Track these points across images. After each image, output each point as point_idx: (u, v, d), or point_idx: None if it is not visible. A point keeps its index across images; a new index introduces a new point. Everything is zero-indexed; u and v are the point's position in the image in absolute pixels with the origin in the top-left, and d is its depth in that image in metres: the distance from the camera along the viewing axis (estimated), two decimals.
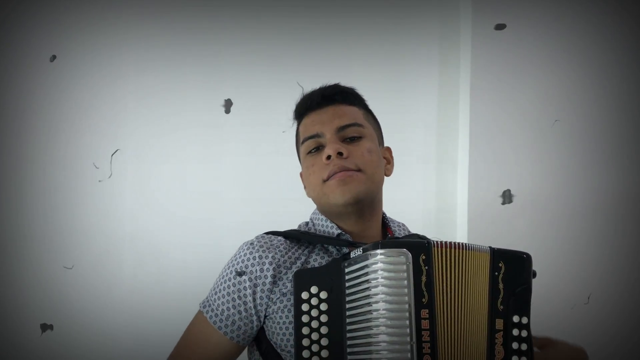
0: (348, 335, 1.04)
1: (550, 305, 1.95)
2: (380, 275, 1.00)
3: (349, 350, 1.03)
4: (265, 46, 2.02)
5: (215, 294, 1.20)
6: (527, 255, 1.07)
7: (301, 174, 1.32)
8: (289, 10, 2.03)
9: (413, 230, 1.35)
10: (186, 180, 1.98)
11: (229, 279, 1.19)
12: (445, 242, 1.04)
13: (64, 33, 1.96)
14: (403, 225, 1.35)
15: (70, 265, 1.94)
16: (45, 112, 1.96)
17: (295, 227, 1.32)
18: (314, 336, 1.05)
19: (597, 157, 2.07)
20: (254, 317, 1.17)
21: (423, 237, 1.29)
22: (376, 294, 1.00)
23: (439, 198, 2.08)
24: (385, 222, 1.29)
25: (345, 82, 1.95)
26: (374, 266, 1.01)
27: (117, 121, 1.97)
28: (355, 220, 1.22)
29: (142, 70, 1.98)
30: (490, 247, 1.06)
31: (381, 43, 2.06)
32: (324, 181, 1.18)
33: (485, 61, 2.01)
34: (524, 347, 1.02)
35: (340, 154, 1.17)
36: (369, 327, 1.00)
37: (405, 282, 0.99)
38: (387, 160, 1.29)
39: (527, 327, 1.03)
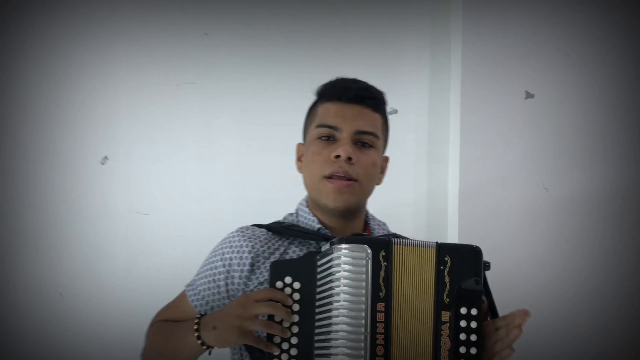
0: (316, 324, 1.11)
1: (539, 301, 1.96)
2: (342, 269, 1.07)
3: (316, 338, 1.11)
4: (257, 46, 2.01)
5: (197, 275, 1.33)
6: (476, 248, 1.12)
7: (300, 145, 1.39)
8: (280, 12, 2.02)
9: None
10: (179, 179, 1.99)
11: (209, 263, 1.31)
12: (401, 239, 1.11)
13: (57, 31, 1.94)
14: (384, 224, 1.42)
15: (64, 264, 1.93)
16: (40, 112, 1.92)
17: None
18: (285, 324, 1.11)
19: (589, 155, 2.07)
20: (226, 301, 1.27)
21: (399, 237, 1.36)
22: (338, 286, 1.07)
23: (430, 199, 2.08)
24: (366, 222, 1.37)
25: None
26: (337, 260, 1.08)
27: (110, 120, 1.96)
28: (337, 218, 1.31)
29: (134, 69, 1.97)
30: (436, 242, 1.12)
31: (372, 43, 2.06)
32: (324, 177, 1.26)
33: (476, 60, 2.01)
34: (473, 337, 1.08)
35: (349, 159, 1.24)
36: (331, 317, 1.07)
37: (364, 276, 1.06)
38: (381, 169, 1.36)
39: (477, 318, 1.08)
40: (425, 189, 2.07)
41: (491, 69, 2.01)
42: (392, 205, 1.79)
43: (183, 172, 2.00)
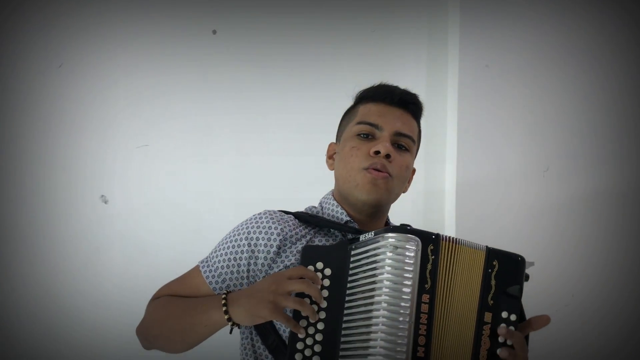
0: (346, 312, 1.10)
1: (538, 301, 1.89)
2: (389, 257, 1.06)
3: (344, 325, 1.10)
4: (255, 47, 2.03)
5: (215, 251, 1.29)
6: (522, 257, 1.15)
7: (332, 144, 1.40)
8: (278, 13, 2.04)
9: None
10: (177, 179, 1.99)
11: (231, 241, 1.27)
12: (451, 237, 1.12)
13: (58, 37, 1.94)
14: None
15: (62, 263, 1.92)
16: (38, 111, 1.92)
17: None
18: (314, 306, 1.10)
19: (589, 155, 2.08)
20: (245, 281, 1.25)
21: None
22: (382, 274, 1.06)
23: (428, 199, 2.10)
24: (387, 223, 1.40)
25: (332, 81, 2.03)
26: (383, 248, 1.08)
27: (106, 121, 1.96)
28: (364, 215, 1.32)
29: (132, 70, 1.98)
30: (487, 246, 1.14)
31: (369, 43, 2.09)
32: (363, 169, 1.27)
33: (474, 60, 2.03)
34: (509, 342, 1.09)
35: (388, 156, 1.26)
36: (372, 304, 1.06)
37: (412, 267, 1.06)
38: (408, 180, 1.40)
39: (514, 324, 1.11)
40: (422, 189, 2.09)
41: (488, 69, 2.03)
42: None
43: (180, 173, 2.00)
